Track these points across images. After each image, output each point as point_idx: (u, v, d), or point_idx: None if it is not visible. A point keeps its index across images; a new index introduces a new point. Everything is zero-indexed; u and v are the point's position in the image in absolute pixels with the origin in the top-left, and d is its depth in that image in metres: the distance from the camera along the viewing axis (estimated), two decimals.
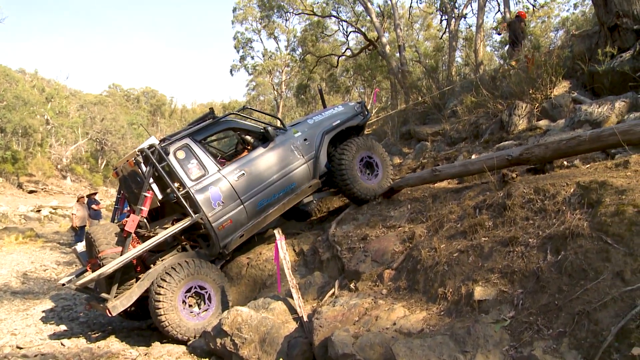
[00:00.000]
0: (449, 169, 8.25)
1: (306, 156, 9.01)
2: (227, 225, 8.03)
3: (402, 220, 8.14)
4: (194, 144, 8.17)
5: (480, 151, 10.82)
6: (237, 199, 8.12)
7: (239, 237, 8.27)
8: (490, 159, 7.39)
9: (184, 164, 7.95)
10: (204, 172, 8.03)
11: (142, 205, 7.61)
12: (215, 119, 8.62)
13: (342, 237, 8.43)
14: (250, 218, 8.33)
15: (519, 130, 10.73)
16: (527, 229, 5.37)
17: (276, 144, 8.79)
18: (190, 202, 7.75)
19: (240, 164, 8.38)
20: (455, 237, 6.31)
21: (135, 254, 7.34)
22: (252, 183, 8.31)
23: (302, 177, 8.92)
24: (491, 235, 5.72)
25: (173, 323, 7.28)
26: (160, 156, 7.79)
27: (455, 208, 7.17)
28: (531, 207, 5.65)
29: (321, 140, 9.25)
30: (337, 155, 9.28)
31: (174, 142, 8.06)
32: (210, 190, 7.93)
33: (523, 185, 6.08)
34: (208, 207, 7.84)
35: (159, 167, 7.68)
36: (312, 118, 9.70)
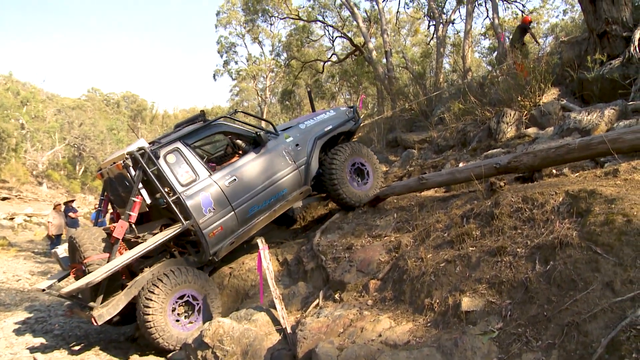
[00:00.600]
0: (436, 177, 8.28)
1: (297, 162, 9.06)
2: (218, 232, 8.03)
3: (388, 230, 8.14)
4: (185, 148, 8.15)
5: (467, 159, 10.86)
6: (228, 205, 8.12)
7: (230, 244, 8.28)
8: (478, 167, 7.42)
9: (174, 169, 7.92)
10: (194, 177, 8.02)
11: (131, 211, 7.56)
12: (207, 122, 8.59)
13: (327, 247, 8.42)
14: (241, 225, 8.34)
15: (507, 138, 10.79)
16: (516, 239, 5.39)
17: (268, 149, 8.82)
18: (181, 208, 7.73)
19: (231, 169, 8.37)
20: (442, 246, 6.31)
21: (126, 261, 7.25)
22: (243, 189, 8.33)
23: (293, 183, 8.96)
24: (479, 245, 5.73)
25: (162, 333, 7.25)
26: (150, 160, 7.75)
27: (442, 217, 7.19)
28: (519, 217, 5.67)
29: (313, 146, 9.31)
30: (327, 161, 9.33)
31: (164, 146, 8.02)
32: (201, 196, 7.92)
33: (511, 194, 6.10)
34: (199, 214, 7.82)
35: (149, 171, 7.63)
36: (304, 122, 9.71)
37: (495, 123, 11.25)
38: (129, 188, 7.82)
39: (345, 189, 9.31)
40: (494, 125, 11.29)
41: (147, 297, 7.25)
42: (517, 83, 11.58)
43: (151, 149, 7.85)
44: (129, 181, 7.82)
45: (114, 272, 7.16)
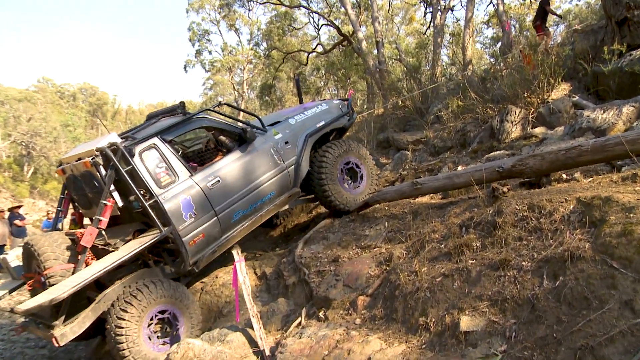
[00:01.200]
0: (432, 182, 8.30)
1: (287, 162, 9.06)
2: (199, 239, 7.95)
3: (379, 240, 8.15)
4: (163, 145, 8.03)
5: (467, 162, 10.91)
6: (210, 210, 8.05)
7: (212, 253, 8.20)
8: (479, 171, 7.45)
9: (151, 168, 7.79)
10: (174, 177, 7.92)
11: (101, 216, 7.38)
12: (188, 115, 8.51)
13: (310, 259, 8.42)
14: (224, 231, 8.28)
15: (512, 138, 10.84)
16: (521, 251, 5.39)
17: (254, 147, 8.79)
18: (159, 212, 7.60)
19: (214, 169, 8.31)
20: (438, 259, 6.31)
21: (97, 275, 6.99)
22: (227, 191, 8.28)
23: (282, 185, 8.97)
24: (479, 258, 5.72)
25: (136, 356, 7.07)
26: (124, 158, 7.59)
27: (438, 226, 7.19)
28: (525, 226, 5.67)
29: (304, 144, 9.31)
30: (317, 159, 9.36)
31: (139, 142, 7.87)
32: (181, 200, 7.82)
33: (516, 201, 6.10)
34: (178, 219, 7.73)
35: (123, 171, 7.47)
36: (294, 117, 9.71)
37: (499, 122, 11.31)
38: (98, 189, 7.67)
39: (335, 191, 9.35)
40: (496, 124, 11.35)
41: (119, 317, 7.07)
42: (524, 77, 11.62)
43: (125, 145, 7.70)
44: (99, 181, 7.65)
45: (83, 286, 6.88)
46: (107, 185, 7.46)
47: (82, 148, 8.22)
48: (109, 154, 7.48)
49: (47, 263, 7.24)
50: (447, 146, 13.14)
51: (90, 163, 7.60)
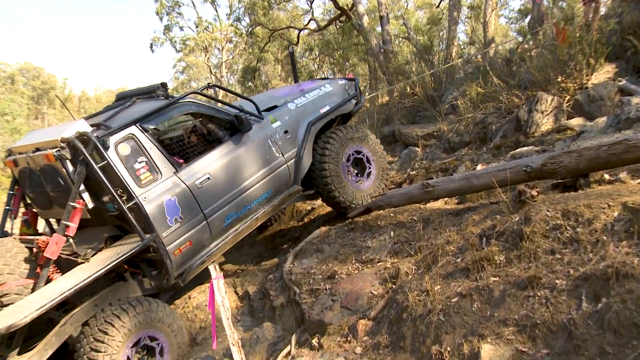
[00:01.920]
0: (446, 184, 8.37)
1: (286, 154, 9.16)
2: (186, 248, 7.95)
3: (383, 253, 8.19)
4: (143, 135, 7.86)
5: (488, 160, 10.93)
6: (199, 213, 8.05)
7: (200, 264, 8.19)
8: (502, 171, 7.48)
9: (129, 163, 7.63)
10: (156, 174, 7.82)
11: (69, 221, 7.23)
12: (171, 99, 8.41)
13: (302, 275, 8.46)
14: (215, 238, 8.34)
15: (542, 132, 10.85)
16: (553, 266, 5.35)
17: (249, 137, 8.83)
18: (139, 216, 7.49)
19: (203, 164, 8.31)
20: (454, 275, 6.30)
21: (65, 295, 6.76)
22: (219, 191, 8.31)
23: (281, 183, 9.11)
24: (503, 275, 5.70)
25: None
26: (97, 151, 7.37)
27: (454, 237, 7.21)
28: (558, 237, 5.65)
29: (306, 133, 9.41)
30: (319, 148, 9.45)
31: (115, 132, 7.65)
32: (166, 201, 7.75)
33: (547, 207, 6.08)
34: (162, 224, 7.66)
35: (96, 167, 7.24)
36: (293, 101, 9.75)
37: (526, 112, 11.31)
38: (63, 187, 7.55)
39: (339, 185, 9.44)
40: (524, 115, 11.35)
41: (93, 348, 6.82)
42: (557, 58, 11.61)
43: (97, 135, 7.47)
44: (64, 179, 7.49)
45: (48, 309, 6.65)
46: (77, 184, 7.31)
47: (40, 136, 8.08)
48: (78, 146, 7.25)
49: (0, 278, 7.06)
50: (465, 141, 13.16)
51: (55, 156, 7.37)
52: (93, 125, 7.75)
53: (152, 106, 8.16)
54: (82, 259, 7.44)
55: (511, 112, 12.20)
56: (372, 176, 9.96)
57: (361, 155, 9.87)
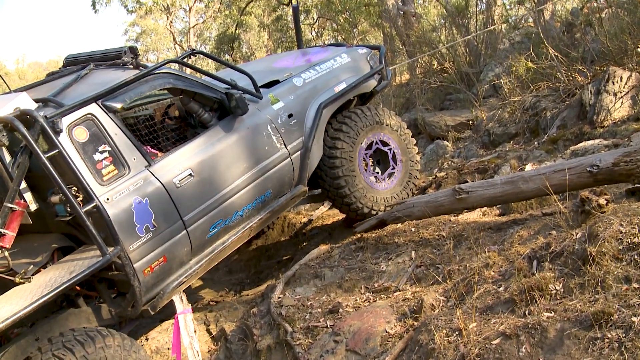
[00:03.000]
0: (485, 190, 8.37)
1: (290, 145, 9.11)
2: (159, 265, 7.78)
3: (402, 279, 8.19)
4: (106, 117, 7.59)
5: (541, 158, 10.95)
6: (177, 220, 7.91)
7: (177, 286, 8.05)
8: (560, 172, 7.49)
9: (87, 153, 7.33)
10: (122, 169, 7.60)
11: (6, 228, 6.84)
12: (142, 68, 8.19)
13: (295, 309, 8.44)
14: (196, 253, 8.24)
15: (615, 120, 10.88)
16: (629, 299, 5.31)
17: (243, 121, 8.71)
18: (100, 223, 7.22)
19: (184, 157, 8.14)
20: (495, 310, 6.28)
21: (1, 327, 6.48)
22: (203, 191, 8.21)
23: (282, 182, 9.10)
24: (561, 309, 5.66)
25: None
26: (45, 135, 6.99)
27: (495, 258, 7.22)
28: (635, 260, 5.62)
29: (316, 118, 9.35)
30: (328, 138, 9.47)
31: (68, 111, 7.30)
32: (134, 204, 7.54)
33: (620, 220, 6.07)
34: (129, 235, 7.44)
35: (44, 157, 6.85)
36: (300, 75, 9.72)
37: (593, 94, 11.33)
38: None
39: (356, 188, 9.45)
40: (589, 98, 11.37)
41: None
42: (638, 20, 11.58)
43: (45, 115, 7.05)
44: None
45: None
46: (16, 179, 6.91)
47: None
48: (19, 129, 6.80)
49: None
50: (510, 133, 13.22)
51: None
52: (38, 101, 7.43)
53: (116, 77, 7.89)
54: (21, 279, 7.11)
55: (572, 94, 12.25)
56: (393, 178, 10.03)
57: (387, 148, 9.92)
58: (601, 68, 11.84)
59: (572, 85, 12.33)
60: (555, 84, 12.84)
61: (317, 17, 34.97)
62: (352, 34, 33.14)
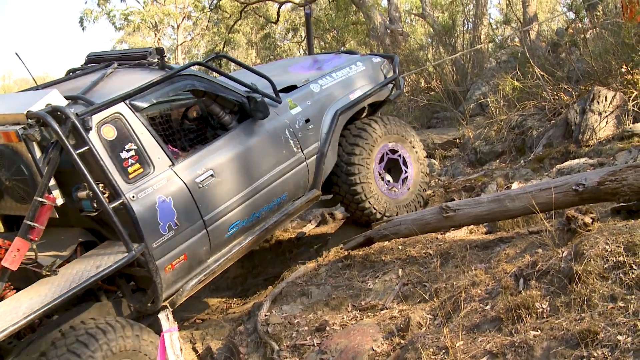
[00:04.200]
0: (472, 208, 8.37)
1: (307, 150, 9.34)
2: (180, 263, 7.97)
3: (388, 297, 8.21)
4: (133, 116, 7.76)
5: (527, 176, 11.00)
6: (198, 219, 8.10)
7: (196, 284, 8.28)
8: (546, 191, 7.50)
9: (115, 151, 7.51)
10: (147, 167, 7.76)
11: (35, 221, 6.88)
12: (168, 70, 8.33)
13: (282, 327, 8.42)
14: (214, 252, 8.46)
15: (600, 139, 10.92)
16: (614, 317, 5.33)
17: (263, 125, 8.93)
18: (125, 220, 7.39)
19: (205, 157, 8.33)
20: (481, 328, 6.29)
21: (31, 318, 6.58)
22: (224, 192, 8.39)
23: (298, 185, 9.34)
24: (547, 328, 5.67)
25: None
26: (76, 133, 7.15)
27: (481, 277, 7.24)
28: (620, 278, 5.63)
29: (332, 124, 9.57)
30: (345, 145, 9.67)
31: (98, 109, 7.46)
32: (158, 202, 7.71)
33: (605, 238, 6.08)
34: (153, 232, 7.62)
35: (75, 154, 7.03)
36: (317, 82, 9.87)
37: (579, 113, 11.38)
38: (25, 177, 7.42)
39: (370, 193, 9.66)
40: (575, 117, 11.42)
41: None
42: (622, 41, 11.64)
43: (76, 112, 7.21)
44: (28, 166, 7.33)
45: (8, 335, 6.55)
46: (47, 174, 7.03)
47: None
48: (52, 125, 6.95)
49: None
50: (496, 151, 13.25)
51: (18, 135, 7.03)
52: (68, 99, 7.53)
53: (142, 77, 8.09)
54: (47, 272, 7.18)
55: (558, 113, 12.28)
56: (407, 182, 10.27)
57: (396, 155, 10.11)
58: (586, 87, 11.90)
59: (558, 105, 12.38)
60: (541, 103, 12.90)
61: (304, 34, 35.00)
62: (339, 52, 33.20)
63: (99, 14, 43.07)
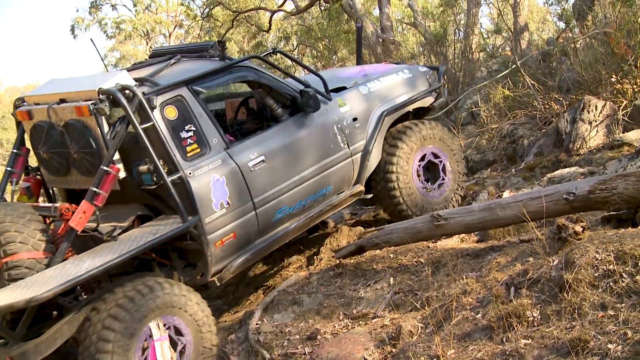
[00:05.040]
0: (463, 216, 8.39)
1: (353, 146, 9.79)
2: (229, 240, 8.42)
3: (380, 306, 8.19)
4: (194, 100, 8.36)
5: (518, 185, 11.01)
6: (249, 201, 8.59)
7: (243, 262, 8.71)
8: (537, 199, 7.52)
9: (175, 130, 8.10)
10: (204, 148, 8.32)
11: (100, 188, 7.49)
12: (228, 60, 8.96)
13: (273, 336, 8.42)
14: (262, 234, 8.93)
15: (590, 148, 10.94)
16: (605, 326, 5.32)
17: (313, 119, 9.45)
18: (182, 194, 7.87)
19: (258, 144, 8.87)
20: (473, 336, 6.28)
21: (96, 271, 7.07)
22: (274, 178, 8.89)
23: (342, 179, 9.81)
24: (538, 336, 5.67)
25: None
26: (142, 110, 7.79)
27: (473, 285, 7.24)
28: (611, 287, 5.64)
29: (378, 124, 10.05)
30: (387, 146, 10.01)
31: (162, 91, 8.09)
32: (213, 181, 8.20)
33: (595, 247, 6.08)
34: (206, 208, 8.08)
35: (140, 128, 7.65)
36: (366, 84, 10.29)
37: (569, 122, 11.40)
38: (93, 150, 7.87)
39: (407, 194, 10.00)
40: (565, 126, 11.43)
41: (104, 332, 6.98)
42: (611, 51, 11.65)
43: (143, 91, 7.86)
44: (96, 139, 7.85)
45: (75, 285, 7.04)
46: (113, 147, 7.66)
47: (66, 86, 8.48)
48: (121, 101, 7.60)
49: (10, 247, 7.20)
50: (487, 160, 13.24)
51: (90, 110, 7.67)
52: (136, 80, 8.09)
53: (203, 66, 8.70)
54: (107, 237, 7.71)
55: (549, 122, 12.29)
56: (442, 189, 10.51)
57: (438, 160, 10.41)
58: (577, 97, 11.92)
59: (549, 114, 12.40)
60: (532, 112, 12.92)
61: (297, 43, 34.98)
62: (331, 61, 33.16)
63: (90, 22, 43.03)
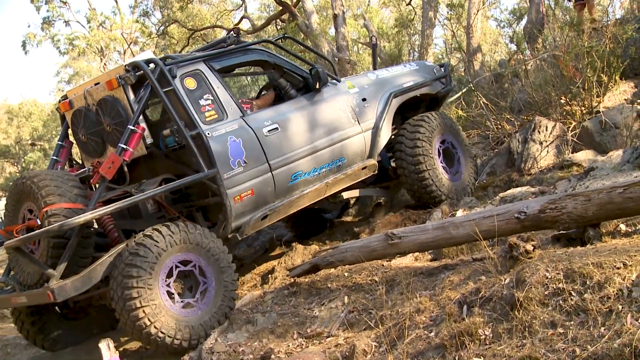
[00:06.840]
0: (417, 235, 8.39)
1: (363, 123, 10.83)
2: (247, 197, 9.34)
3: (334, 325, 8.15)
4: (211, 73, 9.62)
5: (471, 204, 11.01)
6: (264, 162, 9.58)
7: (261, 219, 9.59)
8: (489, 218, 7.56)
9: (194, 98, 9.28)
10: (221, 114, 9.49)
11: (127, 144, 8.63)
12: (242, 44, 10.27)
13: (227, 355, 8.31)
14: (279, 195, 9.83)
15: (541, 167, 11.02)
16: (554, 344, 5.35)
17: (323, 97, 10.55)
18: (202, 151, 8.89)
19: (273, 113, 10.03)
20: (426, 355, 6.27)
21: (123, 205, 8.24)
22: (287, 144, 9.90)
23: (355, 152, 10.74)
24: (490, 354, 5.67)
25: (152, 318, 7.89)
26: (163, 77, 8.95)
27: (426, 303, 7.21)
28: (560, 305, 5.68)
29: (386, 104, 11.06)
30: (407, 133, 10.74)
31: (182, 64, 9.39)
32: (230, 141, 9.25)
33: (545, 266, 6.12)
34: (224, 164, 9.09)
35: (162, 92, 8.78)
36: (374, 72, 11.41)
37: (521, 142, 11.49)
38: (123, 118, 8.98)
39: (437, 179, 10.63)
40: (517, 146, 11.52)
41: (128, 267, 7.86)
42: (561, 73, 11.77)
43: (166, 63, 9.11)
44: (125, 107, 9.03)
45: (98, 216, 8.20)
46: (139, 109, 8.82)
47: (103, 74, 9.69)
48: (145, 69, 8.90)
49: (49, 198, 8.10)
50: None
51: (117, 81, 8.99)
52: (160, 58, 9.33)
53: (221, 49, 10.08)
54: (135, 190, 8.93)
55: (501, 142, 12.37)
56: (461, 171, 11.23)
57: (450, 145, 11.08)
58: (528, 117, 12.03)
59: (501, 134, 12.50)
60: (485, 132, 13.02)
61: None
62: None
63: (42, 38, 42.70)
